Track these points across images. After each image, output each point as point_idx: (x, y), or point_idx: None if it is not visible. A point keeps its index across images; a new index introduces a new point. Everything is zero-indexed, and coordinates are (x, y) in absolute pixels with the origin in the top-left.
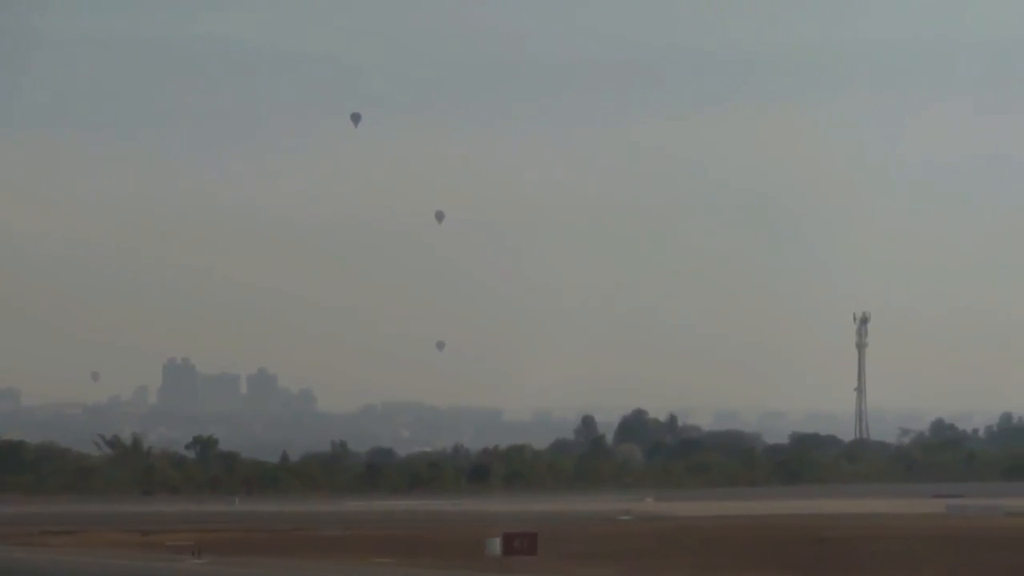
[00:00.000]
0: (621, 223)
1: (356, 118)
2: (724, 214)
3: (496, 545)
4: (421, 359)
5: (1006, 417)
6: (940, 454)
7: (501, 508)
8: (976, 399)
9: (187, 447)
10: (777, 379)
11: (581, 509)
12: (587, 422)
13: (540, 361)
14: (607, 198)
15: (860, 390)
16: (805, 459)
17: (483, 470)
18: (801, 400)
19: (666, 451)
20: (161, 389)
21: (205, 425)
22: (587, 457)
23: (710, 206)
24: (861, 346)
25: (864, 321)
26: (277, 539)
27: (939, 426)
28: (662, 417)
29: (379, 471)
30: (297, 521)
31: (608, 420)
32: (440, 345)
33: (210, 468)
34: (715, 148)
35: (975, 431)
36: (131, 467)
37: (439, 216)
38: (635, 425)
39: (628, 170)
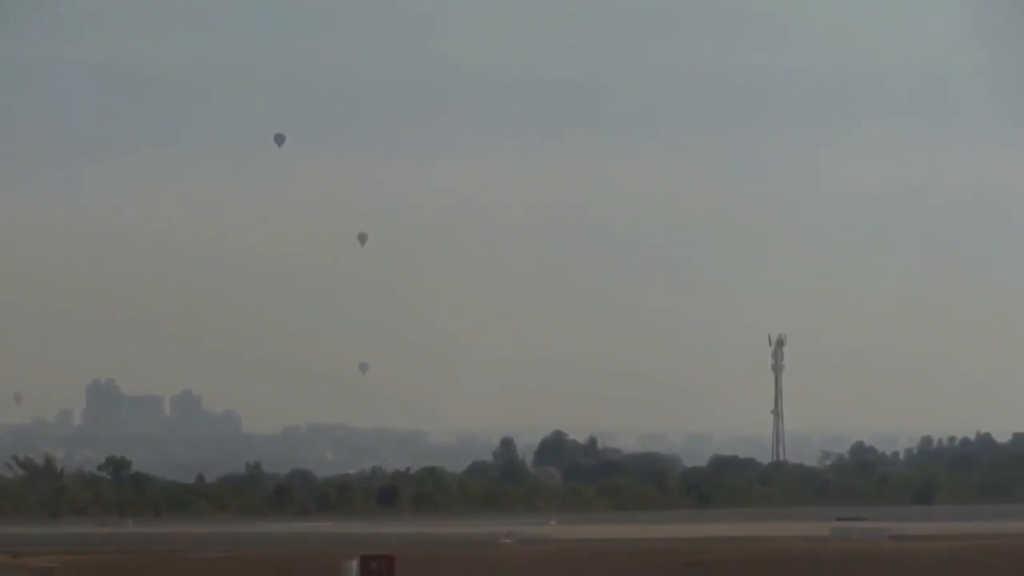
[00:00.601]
0: (542, 244)
1: (280, 139)
2: (641, 240)
3: (353, 568)
4: (346, 381)
5: (926, 440)
6: (854, 477)
7: (385, 530)
8: (900, 423)
9: (100, 468)
10: (702, 402)
11: (468, 532)
12: (506, 444)
13: (465, 384)
14: (528, 219)
15: (777, 413)
16: (718, 482)
17: (392, 492)
18: (725, 422)
19: (583, 473)
20: (85, 411)
21: (128, 447)
22: (500, 480)
23: (628, 230)
24: (777, 369)
25: (780, 344)
26: (146, 561)
27: (859, 449)
28: (582, 439)
29: (290, 493)
30: (182, 543)
31: (531, 442)
32: (363, 367)
33: (122, 489)
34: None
35: (895, 454)
36: (42, 488)
37: (362, 238)
38: (555, 447)
39: (553, 188)
